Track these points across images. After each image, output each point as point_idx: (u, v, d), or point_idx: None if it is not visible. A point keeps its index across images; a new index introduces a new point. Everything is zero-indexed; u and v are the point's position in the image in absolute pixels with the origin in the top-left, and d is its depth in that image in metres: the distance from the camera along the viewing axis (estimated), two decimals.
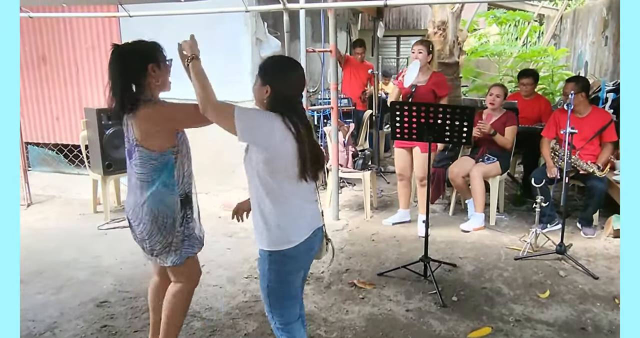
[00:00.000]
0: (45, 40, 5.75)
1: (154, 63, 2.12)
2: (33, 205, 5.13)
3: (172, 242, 2.21)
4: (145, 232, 2.18)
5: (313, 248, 2.10)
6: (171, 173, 2.17)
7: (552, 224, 4.22)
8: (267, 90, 1.93)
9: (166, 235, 2.19)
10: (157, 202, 2.15)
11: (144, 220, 2.17)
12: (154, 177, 2.15)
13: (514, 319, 2.92)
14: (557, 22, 10.28)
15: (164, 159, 2.15)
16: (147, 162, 2.14)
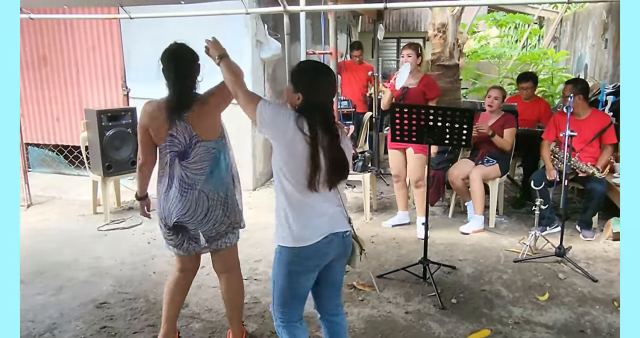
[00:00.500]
0: (46, 41, 5.76)
1: (198, 61, 2.38)
2: (33, 206, 5.13)
3: (237, 220, 2.53)
4: (226, 210, 2.43)
5: (327, 253, 2.07)
6: (228, 153, 2.46)
7: (551, 227, 4.23)
8: (299, 97, 1.99)
9: (238, 211, 2.52)
10: (226, 182, 2.44)
11: (226, 195, 2.44)
12: (220, 160, 2.40)
13: (513, 322, 2.93)
14: (557, 25, 10.30)
15: (219, 145, 2.40)
16: (209, 153, 2.35)
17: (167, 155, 2.35)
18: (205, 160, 2.35)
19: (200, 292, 3.29)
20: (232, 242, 2.54)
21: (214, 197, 2.39)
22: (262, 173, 5.81)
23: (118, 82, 5.64)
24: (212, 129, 2.38)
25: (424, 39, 11.62)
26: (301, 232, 2.01)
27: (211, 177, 2.38)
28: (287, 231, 2.01)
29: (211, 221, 2.41)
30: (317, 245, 2.02)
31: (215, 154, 2.38)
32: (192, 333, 2.84)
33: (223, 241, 2.50)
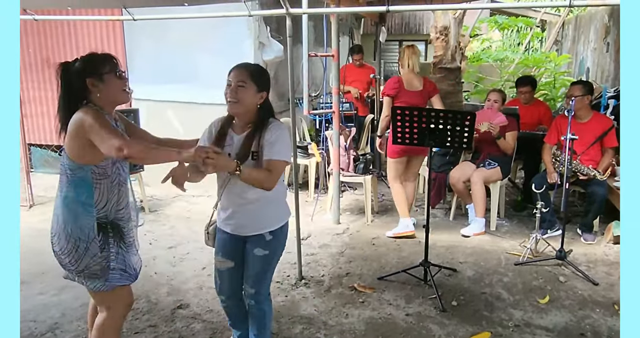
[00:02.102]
0: (49, 42, 5.78)
1: (93, 77, 1.99)
2: (35, 206, 5.15)
3: (89, 270, 2.05)
4: (58, 246, 2.06)
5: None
6: (89, 192, 2.02)
7: (552, 230, 4.23)
8: (262, 96, 2.18)
9: (78, 260, 2.03)
10: (71, 220, 2.03)
11: (58, 232, 2.05)
12: (69, 191, 2.02)
13: (513, 324, 2.93)
14: (559, 29, 10.31)
15: (81, 174, 2.01)
16: (66, 172, 2.02)
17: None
18: (64, 176, 2.06)
19: (201, 293, 3.30)
20: (87, 287, 2.12)
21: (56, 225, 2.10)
22: None
23: None
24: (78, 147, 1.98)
25: (426, 41, 11.64)
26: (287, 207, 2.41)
27: (62, 203, 2.07)
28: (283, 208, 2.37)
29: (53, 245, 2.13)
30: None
31: (72, 178, 2.03)
32: (192, 334, 2.85)
33: (75, 277, 2.14)
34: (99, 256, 2.05)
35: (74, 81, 2.00)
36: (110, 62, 2.05)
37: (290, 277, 3.53)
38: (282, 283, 3.44)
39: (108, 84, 2.02)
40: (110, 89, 2.03)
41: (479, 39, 11.90)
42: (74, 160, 2.00)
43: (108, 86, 2.02)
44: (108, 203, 2.09)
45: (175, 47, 5.40)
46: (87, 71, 1.99)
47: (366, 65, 6.82)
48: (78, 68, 2.01)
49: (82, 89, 2.00)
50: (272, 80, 5.88)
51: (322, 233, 4.37)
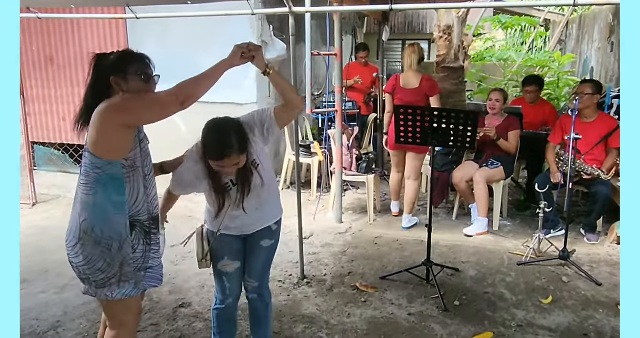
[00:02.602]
0: (52, 41, 5.79)
1: (116, 75, 1.89)
2: (38, 204, 5.16)
3: (122, 272, 1.95)
4: (83, 257, 1.92)
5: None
6: (120, 189, 1.91)
7: (555, 230, 4.22)
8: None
9: (110, 263, 1.92)
10: (101, 221, 1.90)
11: (83, 241, 1.91)
12: (97, 189, 1.90)
13: (516, 324, 2.92)
14: (563, 28, 10.26)
15: (109, 170, 1.89)
16: (93, 170, 1.89)
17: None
18: (89, 176, 1.93)
19: (202, 292, 3.30)
20: (113, 296, 1.98)
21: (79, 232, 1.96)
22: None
23: None
24: (106, 142, 1.87)
25: (429, 40, 11.62)
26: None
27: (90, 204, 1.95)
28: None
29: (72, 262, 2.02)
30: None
31: (100, 176, 1.91)
32: (194, 333, 2.85)
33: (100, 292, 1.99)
34: (131, 257, 1.96)
35: (100, 76, 1.91)
36: (140, 64, 1.94)
37: (293, 276, 3.52)
38: (284, 282, 3.44)
39: (131, 86, 1.91)
40: (132, 92, 1.91)
41: (482, 38, 11.87)
42: (102, 157, 1.87)
43: (130, 88, 1.91)
44: (142, 197, 1.98)
45: (178, 45, 5.39)
46: (114, 68, 1.91)
47: (370, 65, 6.81)
48: (108, 63, 1.92)
49: (107, 86, 1.90)
50: None
51: (324, 233, 4.36)
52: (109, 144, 1.87)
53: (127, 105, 1.85)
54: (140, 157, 1.96)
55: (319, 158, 5.26)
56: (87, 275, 1.94)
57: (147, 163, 2.01)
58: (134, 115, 1.85)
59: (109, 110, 1.82)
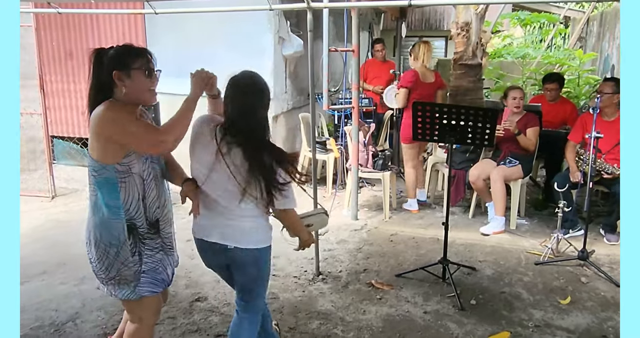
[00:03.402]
0: (72, 35, 5.84)
1: (120, 69, 1.87)
2: (57, 197, 5.23)
3: (120, 275, 1.96)
4: (91, 255, 1.99)
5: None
6: (114, 194, 1.91)
7: (574, 230, 4.16)
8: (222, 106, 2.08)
9: (108, 266, 1.94)
10: (99, 225, 1.93)
11: (90, 242, 1.98)
12: (96, 192, 1.92)
13: (533, 325, 2.89)
14: (583, 25, 10.10)
15: (104, 174, 1.89)
16: (91, 173, 1.91)
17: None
18: (90, 178, 1.95)
19: (218, 286, 3.32)
20: (117, 295, 2.03)
21: (87, 232, 2.03)
22: None
23: None
24: (98, 147, 1.87)
25: (446, 37, 11.51)
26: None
27: (92, 207, 1.97)
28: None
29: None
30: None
31: (96, 179, 1.92)
32: (210, 326, 2.86)
33: (105, 288, 2.07)
34: (130, 261, 1.95)
35: (102, 71, 1.88)
36: (143, 58, 1.92)
37: (308, 272, 3.53)
38: (299, 278, 3.44)
39: (134, 80, 1.88)
40: (136, 87, 1.89)
41: (500, 35, 11.72)
42: (98, 161, 1.89)
43: (134, 83, 1.88)
44: (135, 202, 1.95)
45: (196, 41, 5.42)
46: (116, 63, 1.87)
47: (389, 61, 6.77)
48: (109, 58, 1.89)
49: (109, 81, 1.88)
50: (292, 76, 5.92)
51: (339, 229, 4.36)
52: (101, 148, 1.87)
53: (123, 126, 1.84)
54: (138, 163, 1.94)
55: (334, 154, 5.25)
56: (95, 272, 2.03)
57: (146, 167, 1.98)
58: (123, 136, 1.86)
59: (104, 119, 1.83)
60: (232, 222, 2.07)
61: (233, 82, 2.05)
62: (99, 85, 1.92)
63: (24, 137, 5.93)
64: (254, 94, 2.03)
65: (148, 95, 1.97)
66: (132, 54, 1.91)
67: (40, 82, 5.08)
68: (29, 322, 2.89)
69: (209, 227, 2.09)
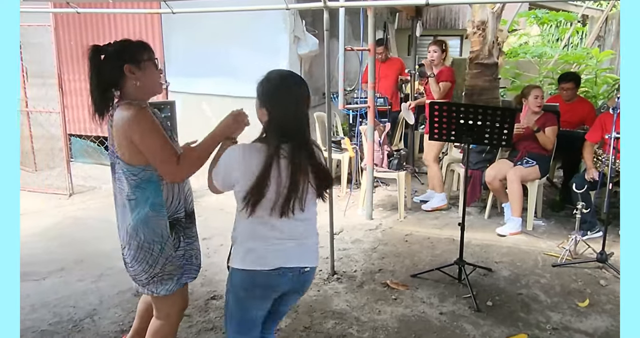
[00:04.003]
0: (90, 35, 5.92)
1: (131, 63, 1.87)
2: (75, 195, 5.29)
3: (163, 271, 1.98)
4: (130, 258, 1.99)
5: (275, 286, 1.89)
6: (157, 192, 1.92)
7: (592, 231, 4.10)
8: (264, 113, 1.78)
9: (152, 264, 1.96)
10: (142, 225, 1.93)
11: (130, 245, 1.97)
12: (136, 195, 1.91)
13: (551, 327, 2.85)
14: (601, 24, 9.95)
15: (146, 175, 1.90)
16: (129, 178, 1.90)
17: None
18: (128, 183, 1.91)
19: None
20: (157, 293, 2.03)
21: (126, 236, 1.99)
22: None
23: None
24: (134, 150, 1.86)
25: (462, 36, 11.43)
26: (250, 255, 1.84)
27: (133, 211, 1.94)
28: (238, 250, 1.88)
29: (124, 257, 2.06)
30: (269, 275, 1.83)
31: (138, 182, 1.91)
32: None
33: (144, 289, 2.05)
34: (173, 256, 1.99)
35: (108, 66, 1.87)
36: (149, 51, 1.93)
37: (323, 271, 3.52)
38: (314, 277, 3.44)
39: (147, 73, 1.90)
40: (149, 79, 1.91)
41: (516, 34, 11.60)
42: (133, 164, 1.88)
43: (147, 75, 1.90)
44: (177, 196, 1.98)
45: (212, 40, 5.44)
46: (125, 57, 1.86)
47: (391, 59, 6.66)
48: (115, 52, 1.88)
49: (117, 75, 1.86)
50: (307, 75, 5.91)
51: (354, 229, 4.35)
52: (135, 152, 1.86)
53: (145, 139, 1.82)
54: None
55: (349, 154, 5.24)
56: (133, 275, 2.02)
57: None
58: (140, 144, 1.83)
59: (133, 125, 1.81)
60: (307, 241, 1.92)
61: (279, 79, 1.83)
62: (103, 83, 1.90)
63: (43, 135, 6.01)
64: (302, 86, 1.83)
65: (158, 86, 1.98)
66: (139, 47, 1.92)
67: (58, 80, 5.14)
68: (48, 317, 2.93)
69: (282, 252, 1.85)
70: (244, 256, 1.84)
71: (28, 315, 2.94)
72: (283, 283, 1.87)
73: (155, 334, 2.14)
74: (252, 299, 1.89)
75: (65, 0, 3.84)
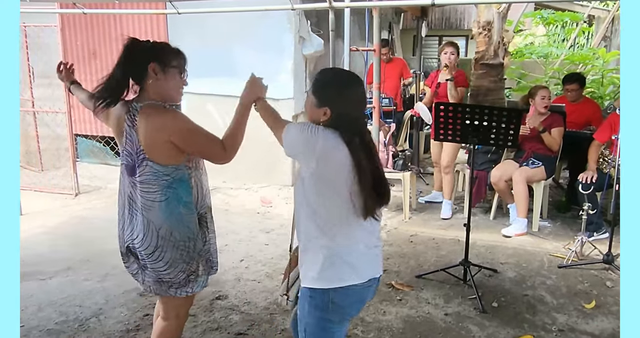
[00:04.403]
0: (96, 35, 5.94)
1: (158, 63, 1.88)
2: (81, 195, 5.32)
3: (198, 268, 2.00)
4: (164, 262, 1.93)
5: (363, 299, 1.78)
6: (188, 190, 1.94)
7: (598, 232, 4.08)
8: (325, 113, 1.68)
9: (189, 261, 1.96)
10: (177, 225, 1.92)
11: (162, 248, 1.91)
12: (168, 195, 1.90)
13: (557, 329, 2.84)
14: (608, 24, 9.90)
15: (178, 174, 1.91)
16: (160, 178, 1.88)
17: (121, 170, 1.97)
18: (157, 184, 1.88)
19: (239, 285, 3.34)
20: (182, 293, 2.01)
21: (156, 240, 1.93)
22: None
23: None
24: (167, 150, 1.87)
25: (467, 36, 11.42)
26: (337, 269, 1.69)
27: (165, 211, 1.91)
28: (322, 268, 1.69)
29: (149, 269, 1.98)
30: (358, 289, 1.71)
31: (170, 182, 1.90)
32: (230, 325, 2.88)
33: (177, 291, 2.01)
34: (202, 250, 2.03)
35: (137, 58, 1.88)
36: (180, 59, 1.95)
37: None
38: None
39: (169, 77, 1.91)
40: (169, 84, 1.91)
41: (521, 34, 11.57)
42: (167, 164, 1.88)
43: (168, 79, 1.91)
44: (201, 192, 2.03)
45: (217, 40, 5.46)
46: (155, 55, 1.89)
47: (394, 59, 6.65)
48: (148, 48, 1.91)
49: (142, 70, 1.87)
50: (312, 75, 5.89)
51: None
52: (169, 152, 1.87)
53: (193, 136, 1.88)
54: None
55: None
56: (168, 278, 1.96)
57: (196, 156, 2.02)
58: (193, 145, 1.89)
59: (172, 127, 1.84)
60: (377, 249, 1.80)
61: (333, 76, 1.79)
62: (126, 72, 1.90)
63: (49, 135, 6.05)
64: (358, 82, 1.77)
65: (177, 94, 1.98)
66: (171, 52, 1.94)
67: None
68: (54, 316, 2.94)
69: (363, 262, 1.72)
70: (340, 270, 1.67)
71: (34, 315, 2.96)
72: (369, 297, 1.76)
73: (163, 334, 2.14)
74: (341, 324, 1.76)
75: (72, 1, 3.87)
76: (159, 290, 2.01)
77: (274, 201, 5.09)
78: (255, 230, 4.28)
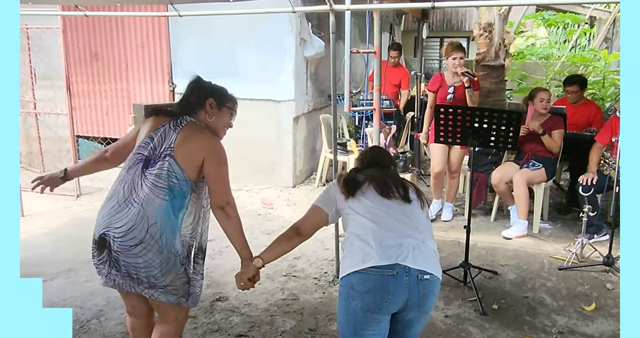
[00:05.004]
0: (97, 38, 5.96)
1: (216, 100, 2.12)
2: (82, 196, 5.33)
3: (171, 285, 2.00)
4: (143, 260, 1.93)
5: (387, 289, 1.76)
6: (183, 204, 1.99)
7: (599, 235, 4.08)
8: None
9: (165, 273, 1.97)
10: (169, 231, 1.95)
11: (146, 245, 1.92)
12: (169, 196, 1.95)
13: (557, 331, 2.85)
14: (609, 25, 9.90)
15: (185, 188, 1.99)
16: (171, 177, 1.96)
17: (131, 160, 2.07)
18: (166, 181, 1.96)
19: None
20: (159, 299, 2.02)
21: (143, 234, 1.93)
22: (302, 171, 5.85)
23: (165, 78, 5.78)
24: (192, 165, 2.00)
25: (468, 38, 11.41)
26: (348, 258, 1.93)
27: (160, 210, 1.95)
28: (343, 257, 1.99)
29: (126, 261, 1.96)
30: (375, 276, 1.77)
31: (175, 185, 1.97)
32: (231, 326, 2.89)
33: (149, 292, 2.00)
34: (181, 272, 2.03)
35: (202, 92, 2.12)
36: (234, 105, 2.19)
37: (328, 273, 3.53)
38: (319, 279, 3.45)
39: (222, 115, 2.14)
40: (220, 120, 2.14)
41: (523, 36, 11.57)
42: (183, 169, 1.99)
43: (220, 117, 2.13)
44: (198, 225, 2.10)
45: (218, 43, 5.48)
46: (214, 93, 2.13)
47: (401, 67, 6.68)
48: (209, 86, 2.16)
49: (200, 102, 2.10)
50: (313, 77, 5.92)
51: None
52: (193, 164, 2.00)
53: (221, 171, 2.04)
54: (204, 190, 2.10)
55: (355, 156, 5.24)
56: (138, 276, 1.96)
57: (206, 197, 2.12)
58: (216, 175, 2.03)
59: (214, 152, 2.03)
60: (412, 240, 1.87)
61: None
62: (189, 101, 2.13)
63: (51, 136, 6.06)
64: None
65: (222, 132, 2.19)
66: (230, 97, 2.20)
67: (66, 82, 5.18)
68: None
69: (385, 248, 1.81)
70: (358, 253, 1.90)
71: None
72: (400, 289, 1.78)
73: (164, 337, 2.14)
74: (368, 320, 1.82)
75: (74, 3, 3.88)
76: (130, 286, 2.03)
77: (275, 203, 5.09)
78: (256, 232, 4.28)
